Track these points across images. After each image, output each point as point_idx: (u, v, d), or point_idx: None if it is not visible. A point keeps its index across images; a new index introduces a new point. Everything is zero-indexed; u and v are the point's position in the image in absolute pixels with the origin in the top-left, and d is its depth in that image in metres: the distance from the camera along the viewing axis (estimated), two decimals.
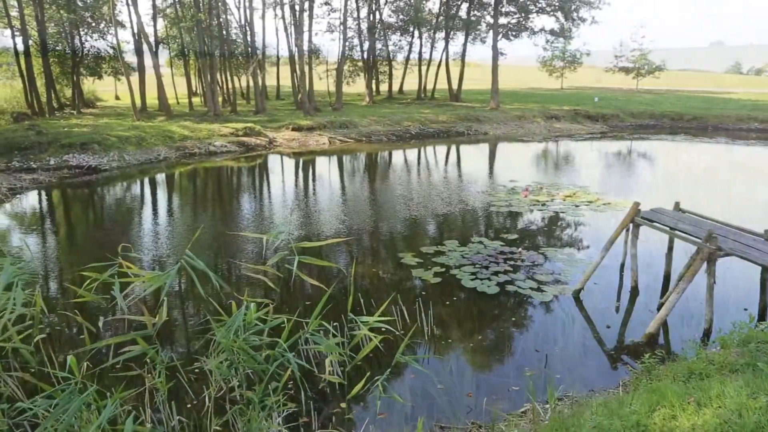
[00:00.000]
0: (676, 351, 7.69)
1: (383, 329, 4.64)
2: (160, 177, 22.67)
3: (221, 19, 39.99)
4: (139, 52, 37.43)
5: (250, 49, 40.36)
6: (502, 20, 45.77)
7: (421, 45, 51.71)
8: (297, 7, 37.53)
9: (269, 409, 3.81)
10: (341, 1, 40.32)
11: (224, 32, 40.84)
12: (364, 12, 48.13)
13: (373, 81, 50.78)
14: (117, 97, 50.33)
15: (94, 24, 37.68)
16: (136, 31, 36.33)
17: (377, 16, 48.25)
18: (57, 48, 37.75)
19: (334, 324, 4.04)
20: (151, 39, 38.38)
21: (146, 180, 22.20)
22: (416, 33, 50.61)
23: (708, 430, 4.02)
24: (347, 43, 44.97)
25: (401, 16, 48.75)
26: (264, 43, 45.56)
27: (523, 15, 45.30)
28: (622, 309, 9.49)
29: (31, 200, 18.21)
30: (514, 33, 46.88)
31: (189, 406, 6.35)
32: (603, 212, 15.73)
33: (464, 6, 48.71)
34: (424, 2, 48.70)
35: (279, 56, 53.86)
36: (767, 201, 17.67)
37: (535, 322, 8.95)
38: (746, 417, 4.02)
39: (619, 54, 61.17)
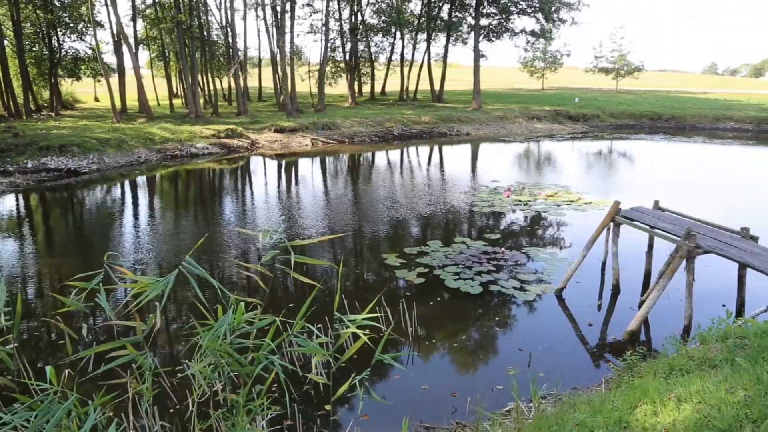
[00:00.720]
0: (657, 347, 7.81)
1: (367, 329, 4.64)
2: (141, 180, 22.38)
3: (202, 20, 39.66)
4: (118, 53, 36.94)
5: (231, 50, 40.04)
6: (484, 21, 46.16)
7: (403, 46, 51.90)
8: (279, 9, 37.35)
9: (254, 412, 3.78)
10: (323, 3, 40.12)
11: (205, 33, 40.49)
12: (346, 13, 48.17)
13: (356, 82, 50.77)
14: (96, 99, 49.68)
15: (72, 24, 37.05)
16: (115, 31, 35.87)
17: (359, 18, 48.27)
18: (34, 49, 37.11)
19: (318, 326, 4.02)
20: (131, 40, 37.87)
21: (127, 183, 21.90)
22: (398, 34, 50.71)
23: (688, 425, 4.09)
24: (329, 44, 44.91)
25: (383, 18, 48.83)
26: (245, 45, 45.49)
27: (504, 16, 45.70)
28: (603, 307, 9.60)
29: (8, 204, 17.86)
30: (495, 34, 47.30)
31: (172, 411, 6.29)
32: (584, 211, 15.92)
33: (446, 7, 48.96)
34: (405, 3, 48.83)
35: (261, 57, 53.67)
36: (744, 199, 18.01)
37: (518, 322, 9.02)
38: (725, 411, 4.09)
39: (599, 54, 61.97)
